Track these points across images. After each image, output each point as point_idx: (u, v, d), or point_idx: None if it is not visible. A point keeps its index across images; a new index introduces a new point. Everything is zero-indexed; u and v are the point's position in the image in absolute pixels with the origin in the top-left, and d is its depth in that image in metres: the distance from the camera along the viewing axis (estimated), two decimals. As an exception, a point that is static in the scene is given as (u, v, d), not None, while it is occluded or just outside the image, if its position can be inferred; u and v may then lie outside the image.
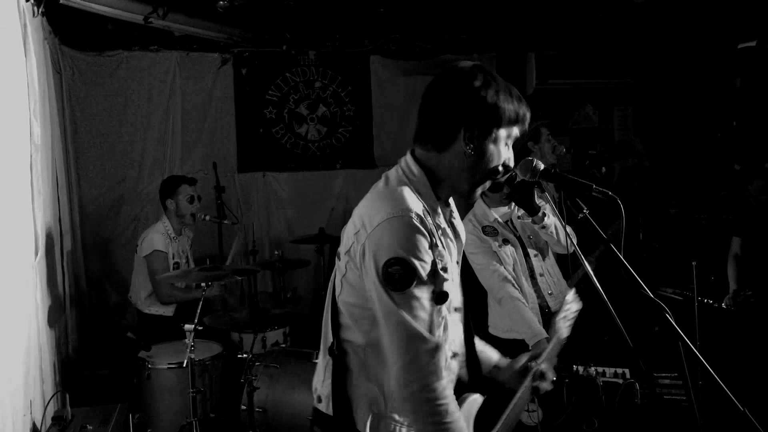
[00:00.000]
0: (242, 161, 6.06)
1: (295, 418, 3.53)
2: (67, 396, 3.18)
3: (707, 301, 4.64)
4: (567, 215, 2.04)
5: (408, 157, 1.86)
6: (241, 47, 5.91)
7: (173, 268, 4.62)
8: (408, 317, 1.66)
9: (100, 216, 5.61)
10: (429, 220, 1.74)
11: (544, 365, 2.10)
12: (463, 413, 1.83)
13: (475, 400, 1.97)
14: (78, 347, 4.83)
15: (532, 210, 3.03)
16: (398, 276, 1.64)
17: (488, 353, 2.16)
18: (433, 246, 1.72)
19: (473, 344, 2.04)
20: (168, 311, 4.64)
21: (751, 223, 4.51)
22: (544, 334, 3.08)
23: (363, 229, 1.72)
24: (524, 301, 3.21)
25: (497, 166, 1.81)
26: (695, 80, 6.09)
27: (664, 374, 2.99)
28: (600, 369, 2.99)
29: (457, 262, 1.94)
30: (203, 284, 3.90)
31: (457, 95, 1.76)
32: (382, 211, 1.70)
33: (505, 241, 3.37)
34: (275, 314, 4.53)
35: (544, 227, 3.14)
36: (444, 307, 1.80)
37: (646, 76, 6.40)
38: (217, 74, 5.94)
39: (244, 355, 3.99)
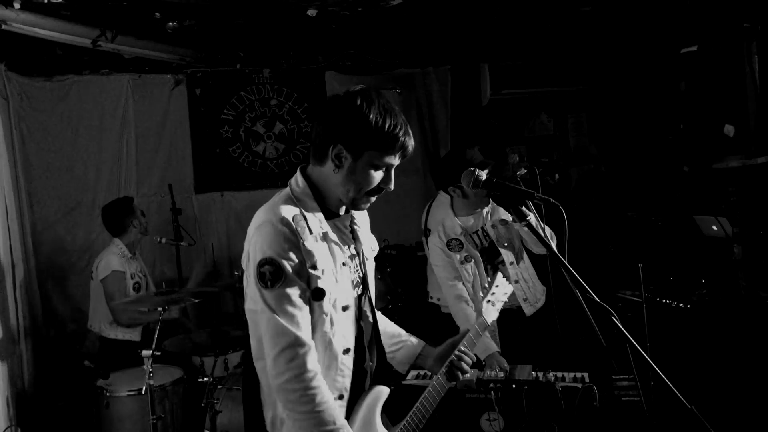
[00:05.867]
0: (199, 182, 6.00)
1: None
2: (19, 430, 3.09)
3: (665, 301, 4.71)
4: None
5: (297, 173, 2.03)
6: (194, 67, 5.87)
7: (134, 288, 4.54)
8: (276, 314, 1.83)
9: (54, 243, 5.48)
10: (303, 223, 1.89)
11: (463, 349, 2.23)
12: (369, 403, 2.02)
13: (382, 391, 2.08)
14: (34, 380, 4.69)
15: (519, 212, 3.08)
16: (269, 274, 1.83)
17: (409, 344, 2.28)
18: (300, 246, 1.86)
19: (380, 340, 2.16)
20: (134, 336, 4.55)
21: None
22: (495, 348, 3.29)
23: (248, 238, 1.94)
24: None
25: (369, 188, 1.93)
26: (643, 84, 6.21)
27: (621, 376, 3.02)
28: (559, 374, 3.01)
29: (343, 264, 2.00)
30: (159, 309, 3.84)
31: (332, 115, 1.91)
32: (258, 220, 1.92)
33: (468, 258, 3.48)
34: (236, 336, 4.46)
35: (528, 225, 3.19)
36: (327, 304, 1.92)
37: (597, 83, 6.51)
38: (170, 95, 5.88)
39: (205, 379, 3.93)
